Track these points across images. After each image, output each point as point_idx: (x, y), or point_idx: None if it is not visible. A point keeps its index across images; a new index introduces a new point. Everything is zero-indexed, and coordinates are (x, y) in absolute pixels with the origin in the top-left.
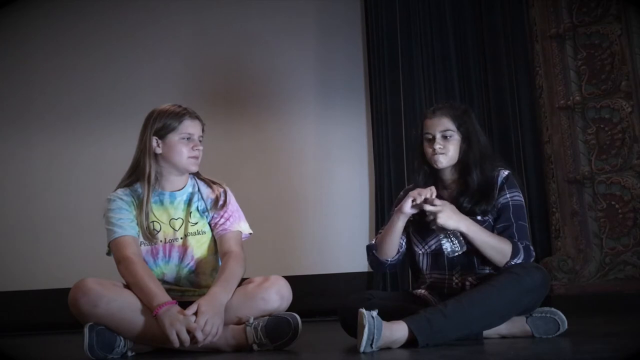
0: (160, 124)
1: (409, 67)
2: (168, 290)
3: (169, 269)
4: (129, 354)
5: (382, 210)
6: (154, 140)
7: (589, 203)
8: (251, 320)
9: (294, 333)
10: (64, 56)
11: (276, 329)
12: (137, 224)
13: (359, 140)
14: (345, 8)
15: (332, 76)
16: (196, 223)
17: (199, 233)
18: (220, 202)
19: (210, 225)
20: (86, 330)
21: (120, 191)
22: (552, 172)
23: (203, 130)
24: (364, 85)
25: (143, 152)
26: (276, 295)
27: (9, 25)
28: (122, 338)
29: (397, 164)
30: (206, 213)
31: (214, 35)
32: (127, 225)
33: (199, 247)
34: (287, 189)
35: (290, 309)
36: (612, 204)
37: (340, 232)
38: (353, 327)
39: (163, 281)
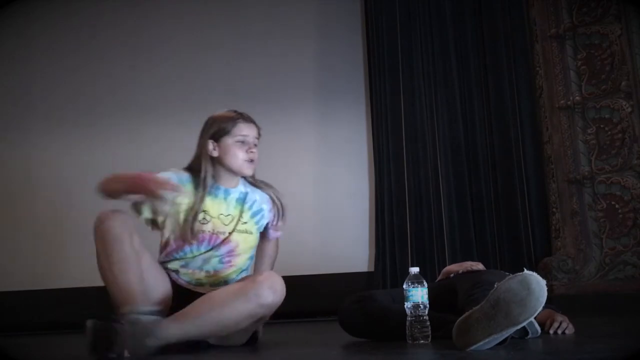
0: (215, 128)
1: (409, 67)
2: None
3: (204, 255)
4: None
5: (382, 211)
6: (210, 144)
7: (589, 203)
8: None
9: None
10: (66, 59)
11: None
12: (181, 216)
13: (359, 140)
14: (345, 8)
15: (332, 77)
16: (246, 223)
17: (246, 232)
18: (280, 216)
19: (257, 226)
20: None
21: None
22: (552, 172)
23: (259, 134)
24: (364, 85)
25: (200, 155)
26: (269, 290)
27: (10, 26)
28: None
29: (397, 165)
30: (257, 217)
31: (213, 36)
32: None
33: (244, 244)
34: (288, 189)
35: (291, 309)
36: (612, 204)
37: (340, 232)
38: (352, 327)
39: (185, 264)
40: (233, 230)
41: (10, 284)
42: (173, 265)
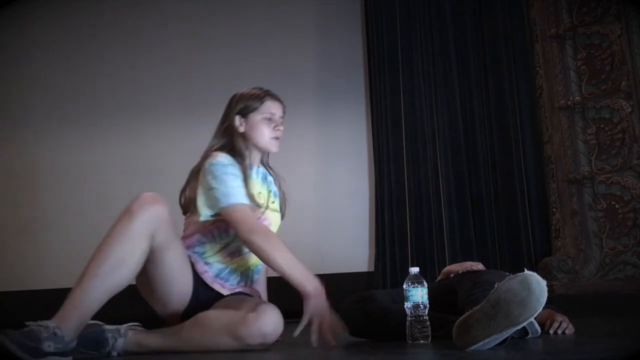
0: (242, 104)
1: (409, 67)
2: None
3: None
4: (113, 353)
5: (382, 211)
6: (237, 119)
7: (589, 203)
8: None
9: None
10: (66, 59)
11: None
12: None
13: (359, 140)
14: (345, 8)
15: (332, 77)
16: (274, 201)
17: (275, 210)
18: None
19: (279, 204)
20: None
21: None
22: (552, 172)
23: (284, 113)
24: (364, 85)
25: (232, 135)
26: (258, 334)
27: (10, 26)
28: (109, 341)
29: (397, 165)
30: (276, 196)
31: (213, 36)
32: (245, 195)
33: (275, 222)
34: (288, 189)
35: (291, 309)
36: (612, 204)
37: (340, 232)
38: (352, 327)
39: (225, 246)
40: (266, 208)
41: (10, 284)
42: (211, 248)
